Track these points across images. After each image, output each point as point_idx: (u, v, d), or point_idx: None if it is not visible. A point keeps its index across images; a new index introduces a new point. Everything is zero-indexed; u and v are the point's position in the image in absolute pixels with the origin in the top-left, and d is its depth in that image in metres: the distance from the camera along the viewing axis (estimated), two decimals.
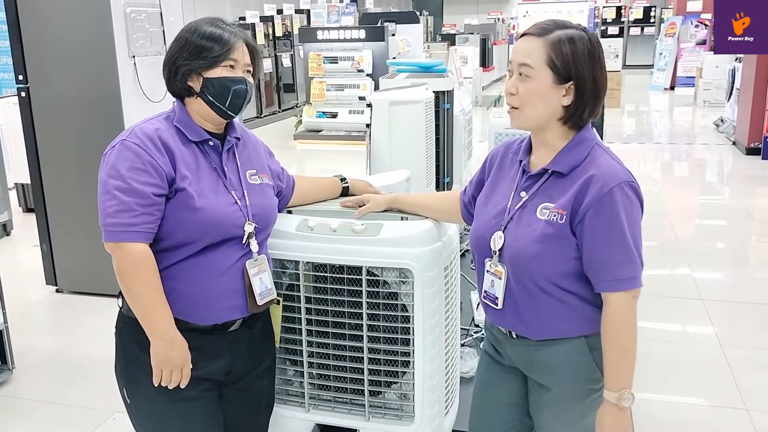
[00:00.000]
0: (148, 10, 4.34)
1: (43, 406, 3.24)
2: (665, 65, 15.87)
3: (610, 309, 1.57)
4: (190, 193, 1.66)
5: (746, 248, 5.60)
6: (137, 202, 1.60)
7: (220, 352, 1.78)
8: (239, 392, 1.88)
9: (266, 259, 1.83)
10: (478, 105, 12.76)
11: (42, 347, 3.87)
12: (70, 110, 4.22)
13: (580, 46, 1.56)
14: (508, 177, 1.74)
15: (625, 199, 1.54)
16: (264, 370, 1.92)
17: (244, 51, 1.76)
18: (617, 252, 1.54)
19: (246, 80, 1.77)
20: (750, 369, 3.45)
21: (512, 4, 23.28)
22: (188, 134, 1.73)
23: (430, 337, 1.90)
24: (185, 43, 1.72)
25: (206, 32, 1.72)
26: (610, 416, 1.60)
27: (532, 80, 1.58)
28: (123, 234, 1.60)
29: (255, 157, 1.89)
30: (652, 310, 4.11)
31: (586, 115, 1.61)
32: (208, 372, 1.76)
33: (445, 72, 4.02)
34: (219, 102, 1.73)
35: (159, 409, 1.74)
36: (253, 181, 1.82)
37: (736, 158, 8.64)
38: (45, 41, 4.19)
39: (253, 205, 1.78)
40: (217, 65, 1.72)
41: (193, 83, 1.73)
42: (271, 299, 1.84)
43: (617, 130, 10.76)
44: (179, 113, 1.75)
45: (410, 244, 1.87)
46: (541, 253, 1.59)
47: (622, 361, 1.59)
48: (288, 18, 13.66)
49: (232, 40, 1.73)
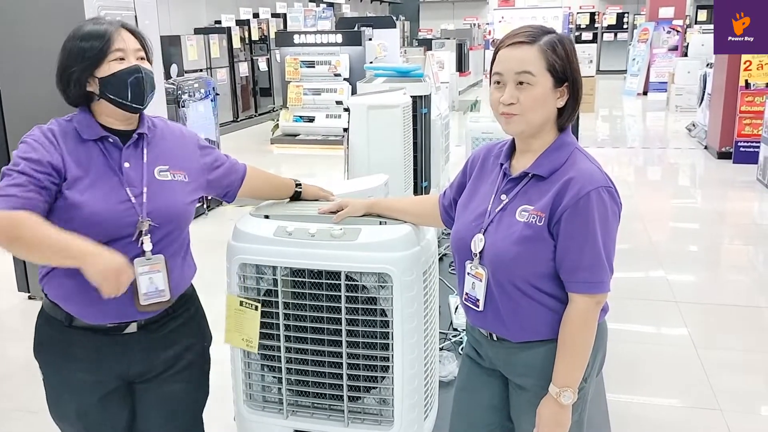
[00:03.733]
0: (122, 13, 4.30)
1: (16, 415, 3.18)
2: (638, 71, 16.10)
3: (572, 309, 1.60)
4: (75, 191, 1.66)
5: (719, 251, 5.69)
6: (27, 180, 1.59)
7: (116, 354, 1.78)
8: (151, 393, 1.87)
9: (164, 260, 1.76)
10: (455, 109, 12.81)
11: (14, 355, 3.80)
12: (43, 114, 4.10)
13: (569, 48, 1.61)
14: (489, 180, 1.75)
15: (600, 203, 1.56)
16: (176, 373, 1.88)
17: (127, 37, 1.74)
18: (587, 255, 1.56)
19: (141, 68, 1.74)
20: (724, 370, 3.50)
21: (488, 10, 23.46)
22: (82, 133, 1.73)
23: (409, 342, 1.90)
24: (68, 50, 1.72)
25: (83, 33, 1.71)
26: (548, 410, 1.63)
27: (534, 87, 1.58)
28: (6, 201, 1.56)
29: (173, 152, 1.85)
30: (626, 312, 4.16)
31: (573, 116, 1.65)
32: (104, 373, 1.78)
33: (422, 77, 4.03)
34: (121, 98, 1.71)
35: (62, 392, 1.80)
36: (161, 177, 1.78)
37: (707, 162, 8.78)
38: (17, 45, 4.13)
39: (152, 203, 1.73)
40: (104, 61, 1.69)
41: (91, 87, 1.72)
42: (159, 302, 1.76)
43: (591, 134, 10.88)
44: (79, 113, 1.76)
45: (389, 248, 1.86)
46: (520, 255, 1.60)
47: (572, 361, 1.61)
48: (264, 22, 13.61)
49: (109, 30, 1.71)
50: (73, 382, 1.79)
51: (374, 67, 4.56)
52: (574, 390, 1.61)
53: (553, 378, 1.63)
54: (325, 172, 8.48)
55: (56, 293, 1.74)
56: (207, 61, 11.23)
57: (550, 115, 1.62)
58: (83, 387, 1.77)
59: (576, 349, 1.61)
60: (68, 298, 1.72)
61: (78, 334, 1.76)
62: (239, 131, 11.73)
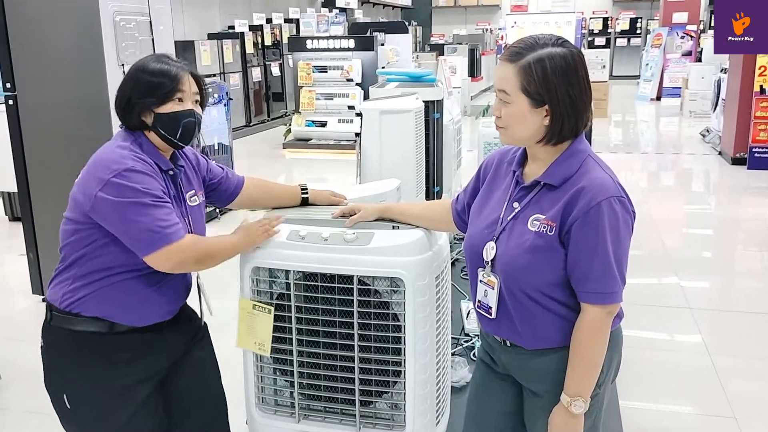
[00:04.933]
0: (137, 18, 4.33)
1: (29, 417, 3.20)
2: (651, 76, 16.01)
3: (584, 319, 1.59)
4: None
5: (733, 257, 5.64)
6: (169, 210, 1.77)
7: (156, 347, 1.90)
8: (183, 366, 2.00)
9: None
10: (467, 114, 12.81)
11: (29, 357, 3.81)
12: (58, 118, 4.19)
13: (549, 68, 1.54)
14: (502, 186, 1.75)
15: (612, 214, 1.54)
16: (196, 342, 2.05)
17: (191, 82, 1.88)
18: (597, 265, 1.55)
19: (194, 112, 1.87)
20: (738, 377, 3.47)
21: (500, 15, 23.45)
22: (160, 164, 1.85)
23: (421, 347, 1.90)
24: (137, 81, 1.84)
25: (155, 69, 1.83)
26: (560, 418, 1.63)
27: (510, 105, 1.59)
28: (178, 232, 1.75)
29: (192, 176, 2.01)
30: (640, 318, 4.13)
31: (568, 132, 1.60)
32: (151, 367, 1.89)
33: (434, 81, 4.04)
34: (171, 135, 1.85)
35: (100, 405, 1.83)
36: (192, 203, 1.96)
37: (722, 168, 8.72)
38: (33, 49, 4.17)
39: (195, 228, 1.93)
40: (167, 101, 1.82)
41: (146, 118, 1.83)
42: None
43: (604, 139, 10.83)
44: (146, 144, 1.86)
45: (401, 253, 1.87)
46: (532, 264, 1.60)
47: (583, 371, 1.61)
48: (277, 27, 13.66)
49: (179, 74, 1.84)
50: (114, 391, 1.83)
51: (386, 72, 4.57)
52: (586, 399, 1.61)
53: (565, 387, 1.62)
54: (337, 176, 8.50)
55: (99, 309, 1.81)
56: (220, 66, 11.29)
57: (536, 132, 1.60)
58: (126, 392, 1.83)
59: (587, 359, 1.60)
60: (114, 306, 1.82)
61: (120, 338, 1.83)
62: (252, 136, 11.77)
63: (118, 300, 1.80)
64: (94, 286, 1.79)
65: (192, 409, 2.03)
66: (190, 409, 2.03)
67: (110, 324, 1.81)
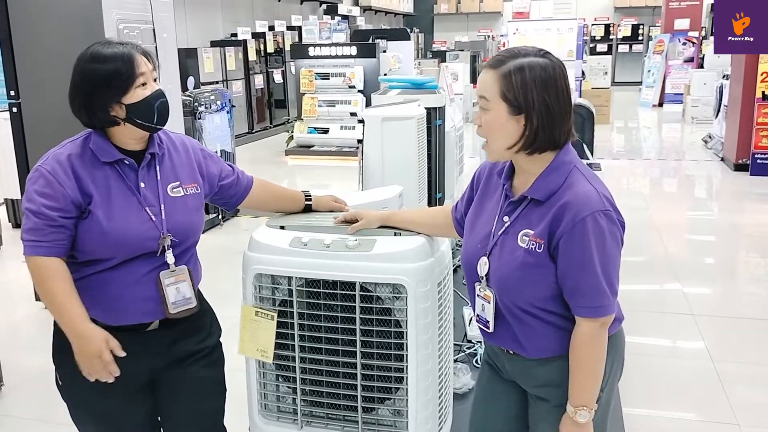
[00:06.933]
0: (141, 26, 4.35)
1: (31, 424, 3.20)
2: (653, 82, 16.03)
3: (578, 332, 1.60)
4: (99, 216, 1.74)
5: (735, 263, 5.63)
6: (46, 223, 1.71)
7: (140, 350, 1.85)
8: (175, 379, 1.94)
9: (187, 269, 1.88)
10: (468, 121, 12.80)
11: (31, 364, 3.83)
12: (62, 126, 4.15)
13: (529, 76, 1.55)
14: (494, 198, 1.75)
15: (597, 228, 1.54)
16: (199, 359, 1.96)
17: (145, 61, 1.79)
18: (586, 281, 1.55)
19: (162, 92, 1.81)
20: (741, 384, 3.46)
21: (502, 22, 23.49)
22: (101, 156, 1.78)
23: (424, 353, 1.90)
24: (89, 75, 1.74)
25: (103, 55, 1.73)
26: (567, 429, 1.65)
27: (489, 112, 1.60)
28: (34, 249, 1.72)
29: (182, 167, 1.92)
30: (642, 325, 4.13)
31: (543, 143, 1.59)
32: (130, 369, 1.82)
33: (436, 88, 4.05)
34: (148, 122, 1.78)
35: (84, 395, 1.84)
36: (175, 194, 1.87)
37: (724, 174, 8.71)
38: (37, 57, 4.19)
39: (171, 219, 1.83)
40: (131, 87, 1.74)
41: (115, 112, 1.76)
42: (187, 308, 1.88)
43: (607, 146, 10.83)
44: (95, 136, 1.80)
45: (403, 259, 1.87)
46: (524, 280, 1.61)
47: (585, 381, 1.61)
48: (280, 34, 13.72)
49: (133, 54, 1.75)
50: (98, 382, 1.82)
51: (388, 79, 4.58)
52: (591, 408, 1.62)
53: (569, 397, 1.63)
54: (339, 183, 8.51)
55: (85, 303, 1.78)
56: (223, 74, 11.33)
57: (513, 142, 1.59)
58: (108, 385, 1.80)
59: (587, 370, 1.61)
60: (91, 304, 1.78)
61: None
62: (254, 143, 11.79)
63: (94, 297, 1.79)
64: (78, 282, 1.79)
65: (182, 426, 2.00)
66: (178, 424, 1.99)
67: (92, 320, 1.79)
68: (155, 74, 1.83)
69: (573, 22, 11.22)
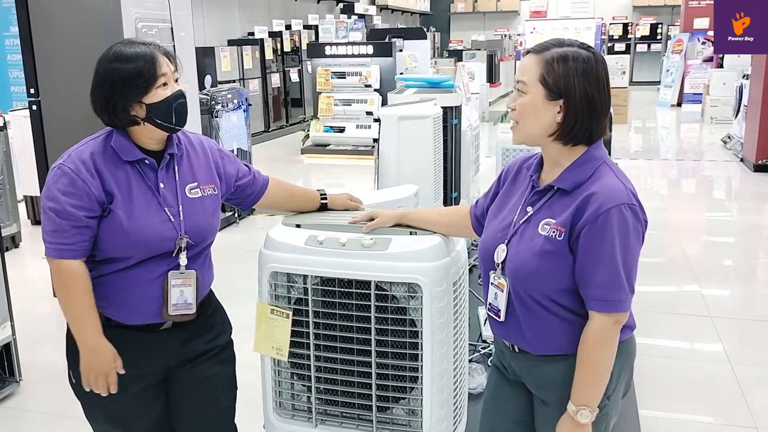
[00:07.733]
0: (159, 25, 4.38)
1: (49, 419, 3.24)
2: (672, 82, 15.88)
3: (591, 327, 1.58)
4: (120, 215, 1.75)
5: (755, 265, 5.57)
6: (70, 224, 1.72)
7: (153, 348, 1.87)
8: (188, 377, 1.95)
9: (196, 275, 1.87)
10: (485, 120, 12.78)
11: (49, 360, 3.86)
12: (81, 124, 4.21)
13: (572, 65, 1.57)
14: (519, 191, 1.75)
15: (622, 221, 1.53)
16: (210, 357, 1.98)
17: (167, 62, 1.79)
18: (605, 272, 1.54)
19: (182, 92, 1.82)
20: (759, 387, 3.42)
21: (519, 21, 23.39)
22: (123, 155, 1.79)
23: (439, 353, 1.89)
24: (111, 75, 1.74)
25: (129, 54, 1.74)
26: (566, 427, 1.63)
27: (526, 95, 1.61)
28: (58, 251, 1.74)
29: (200, 168, 1.92)
30: (660, 326, 4.09)
31: (581, 134, 1.60)
32: (143, 367, 1.86)
33: (453, 87, 4.04)
34: (167, 122, 1.78)
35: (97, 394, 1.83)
36: (192, 195, 1.87)
37: (744, 175, 8.62)
38: (57, 55, 4.24)
39: (188, 221, 1.84)
40: (152, 88, 1.75)
41: (135, 111, 1.77)
42: (185, 313, 1.87)
43: (624, 146, 10.75)
44: (116, 135, 1.80)
45: (419, 258, 1.87)
46: (540, 269, 1.60)
47: (590, 380, 1.59)
48: (296, 33, 13.76)
49: (155, 55, 1.76)
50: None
51: (405, 78, 4.58)
52: (593, 409, 1.60)
53: (572, 396, 1.61)
54: (354, 182, 8.51)
55: (98, 302, 1.80)
56: (240, 72, 11.39)
57: (545, 129, 1.61)
58: (121, 384, 1.82)
59: (594, 368, 1.59)
60: (106, 302, 1.81)
61: (116, 333, 1.82)
62: (270, 141, 11.84)
63: (110, 295, 1.80)
64: (95, 280, 1.79)
65: (193, 424, 2.01)
66: (190, 422, 2.00)
67: (106, 318, 1.82)
68: (176, 75, 1.83)
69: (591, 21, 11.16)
